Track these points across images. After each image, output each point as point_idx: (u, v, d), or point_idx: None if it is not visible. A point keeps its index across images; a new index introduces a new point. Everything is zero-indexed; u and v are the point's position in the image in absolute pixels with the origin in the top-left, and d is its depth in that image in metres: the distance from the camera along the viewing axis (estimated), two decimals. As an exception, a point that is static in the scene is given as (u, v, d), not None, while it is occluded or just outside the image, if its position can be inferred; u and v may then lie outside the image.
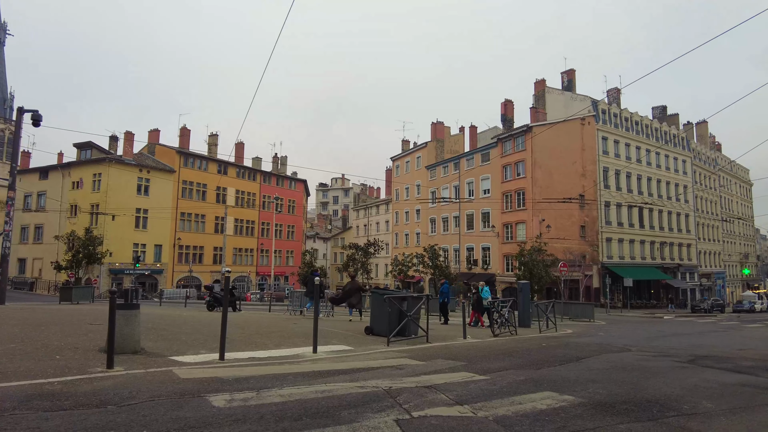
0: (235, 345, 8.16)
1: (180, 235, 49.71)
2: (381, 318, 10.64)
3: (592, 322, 23.48)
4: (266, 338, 9.28)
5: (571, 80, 53.00)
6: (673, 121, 61.11)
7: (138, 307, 6.75)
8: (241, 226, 56.24)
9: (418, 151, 59.72)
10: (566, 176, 45.25)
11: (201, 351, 7.30)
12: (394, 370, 6.52)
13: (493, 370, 6.95)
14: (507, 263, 44.79)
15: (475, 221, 48.81)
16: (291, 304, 22.08)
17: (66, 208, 45.79)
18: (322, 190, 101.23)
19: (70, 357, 6.15)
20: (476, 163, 49.79)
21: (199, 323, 11.02)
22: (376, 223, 69.26)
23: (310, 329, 11.02)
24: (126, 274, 44.58)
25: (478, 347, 9.97)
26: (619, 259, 48.52)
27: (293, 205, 63.85)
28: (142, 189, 47.07)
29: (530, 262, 30.43)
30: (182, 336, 8.54)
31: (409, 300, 10.49)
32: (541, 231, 41.91)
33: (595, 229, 47.38)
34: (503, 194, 45.88)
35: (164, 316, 12.85)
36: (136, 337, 6.64)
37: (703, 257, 60.74)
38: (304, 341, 9.09)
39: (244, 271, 55.94)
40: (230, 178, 55.52)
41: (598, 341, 12.71)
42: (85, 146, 48.42)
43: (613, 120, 51.45)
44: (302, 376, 5.78)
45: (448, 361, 7.62)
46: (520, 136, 45.26)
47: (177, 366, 6.02)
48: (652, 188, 53.33)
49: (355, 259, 44.44)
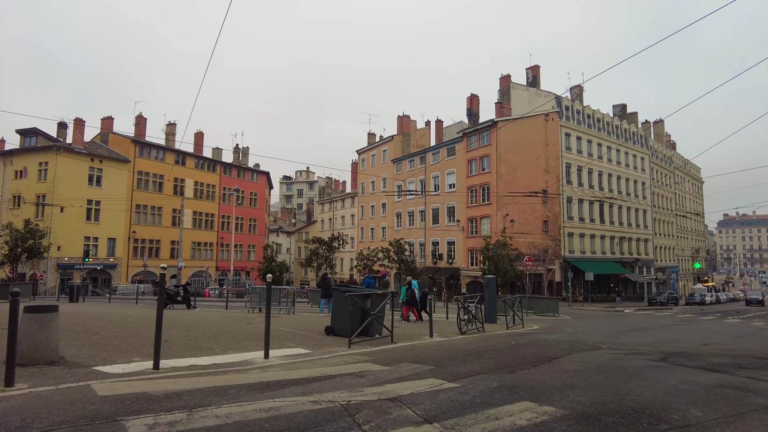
0: (176, 350, 7.26)
1: (135, 228, 47.49)
2: (343, 317, 9.92)
3: (557, 316, 23.47)
4: (214, 341, 8.39)
5: (535, 76, 53.35)
6: (632, 119, 62.68)
7: (56, 309, 5.78)
8: (200, 219, 54.26)
9: (384, 145, 59.04)
10: (530, 171, 45.58)
11: (134, 358, 6.38)
12: (355, 378, 5.82)
13: (464, 375, 6.34)
14: (472, 257, 44.78)
15: (441, 215, 48.60)
16: (250, 301, 21.07)
17: (8, 198, 42.84)
18: (286, 183, 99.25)
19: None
20: (442, 158, 49.54)
21: (140, 324, 9.98)
22: (341, 217, 68.27)
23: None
24: (76, 269, 42.20)
25: (445, 347, 9.39)
26: (580, 254, 49.36)
27: (255, 197, 62.10)
28: (94, 179, 44.61)
29: (495, 256, 30.28)
30: (116, 340, 7.56)
31: (373, 297, 9.79)
32: (505, 225, 42.05)
33: (557, 224, 47.99)
34: (468, 189, 45.79)
35: (104, 315, 11.72)
36: (53, 344, 5.68)
37: (659, 252, 62.71)
38: (255, 344, 8.26)
39: (203, 265, 54.04)
40: (189, 169, 53.39)
41: (567, 338, 12.39)
42: (30, 133, 45.41)
43: (576, 117, 52.19)
44: (247, 389, 5.00)
45: (414, 365, 6.97)
46: (486, 130, 45.21)
47: (98, 379, 5.12)
48: (612, 184, 54.50)
49: (319, 253, 43.48)
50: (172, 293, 20.87)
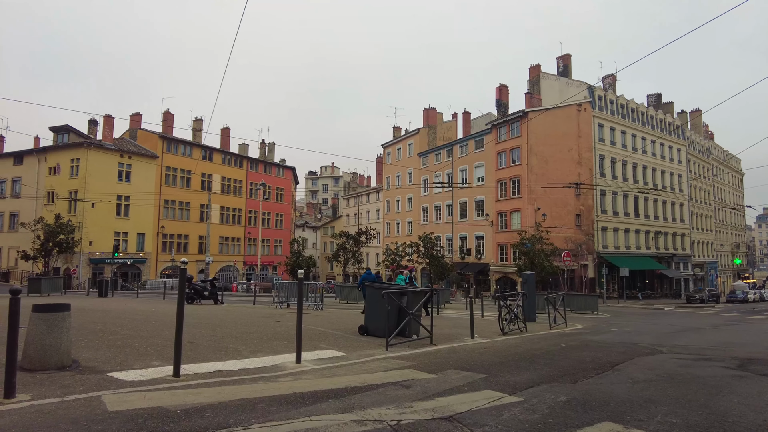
0: (200, 353, 6.64)
1: (164, 223, 47.82)
2: (377, 316, 9.20)
3: (596, 314, 22.31)
4: (241, 342, 7.77)
5: (566, 66, 51.55)
6: (667, 109, 60.13)
7: (67, 308, 5.21)
8: (228, 214, 54.43)
9: (410, 138, 58.08)
10: (562, 163, 44.05)
11: (153, 362, 5.78)
12: (400, 389, 5.08)
13: (522, 385, 5.54)
14: (501, 253, 43.60)
15: (469, 210, 47.47)
16: (278, 296, 20.57)
17: (42, 194, 43.60)
18: (311, 178, 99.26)
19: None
20: (470, 150, 48.33)
21: (164, 322, 9.43)
22: (366, 212, 67.69)
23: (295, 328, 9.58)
24: (107, 263, 42.67)
25: (491, 351, 8.57)
26: (614, 249, 47.61)
27: (281, 192, 62.00)
28: (123, 175, 45.01)
29: (531, 251, 29.10)
30: (135, 341, 7.00)
31: (410, 295, 9.04)
32: (537, 220, 40.73)
33: (590, 218, 46.35)
34: (498, 182, 44.53)
35: (128, 312, 11.27)
36: (64, 347, 5.11)
37: (696, 247, 60.16)
38: (286, 346, 7.60)
39: (231, 260, 54.19)
40: (216, 164, 53.56)
41: (617, 339, 11.41)
42: (62, 130, 46.14)
43: (609, 107, 50.28)
44: (278, 403, 4.31)
45: (462, 372, 6.19)
46: (516, 121, 43.84)
47: (111, 389, 4.51)
48: (648, 177, 52.38)
49: (346, 248, 42.92)
50: (199, 288, 20.54)
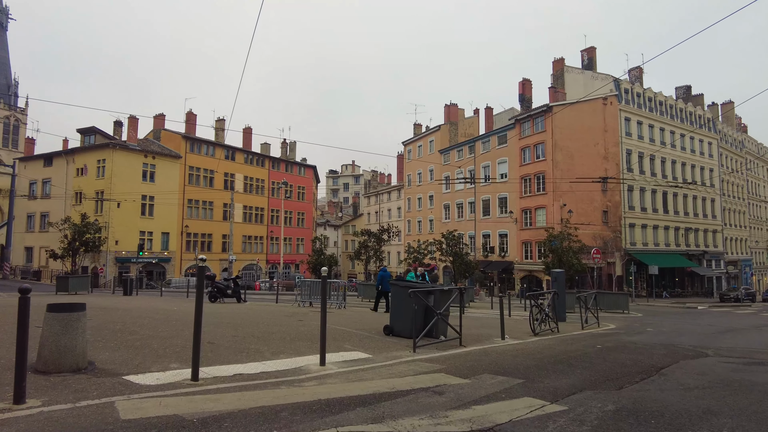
0: (221, 354, 6.38)
1: (187, 222, 48.32)
2: (403, 315, 8.84)
3: (627, 313, 21.53)
4: (263, 342, 7.50)
5: (591, 59, 50.32)
6: (697, 101, 58.18)
7: (83, 308, 4.99)
8: (250, 213, 54.77)
9: (431, 135, 57.50)
10: (588, 159, 43.00)
11: (172, 365, 5.52)
12: (432, 396, 4.71)
13: (564, 392, 5.11)
14: (526, 250, 42.77)
15: (492, 206, 46.71)
16: (300, 294, 20.40)
17: (71, 195, 44.50)
18: (332, 176, 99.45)
19: (-20, 380, 4.43)
20: (492, 146, 47.55)
21: (184, 322, 9.20)
22: (387, 210, 67.41)
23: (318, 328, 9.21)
24: (132, 262, 43.29)
25: (524, 353, 8.12)
26: (642, 246, 46.34)
27: (303, 191, 62.14)
28: (148, 175, 45.60)
29: (559, 249, 28.34)
30: (154, 342, 6.78)
31: (437, 294, 8.65)
32: (563, 216, 39.84)
33: (617, 214, 45.20)
34: (521, 178, 43.67)
35: (150, 311, 11.13)
36: (79, 348, 4.89)
37: (729, 244, 58.15)
38: (309, 346, 7.30)
39: (254, 258, 54.52)
40: (238, 164, 53.92)
41: (655, 340, 10.82)
42: (89, 132, 47.00)
43: (636, 100, 48.92)
44: (303, 411, 3.99)
45: (498, 377, 5.78)
46: (540, 116, 42.91)
47: (126, 394, 4.25)
48: (677, 172, 50.80)
49: (368, 246, 42.66)
50: (222, 287, 20.50)
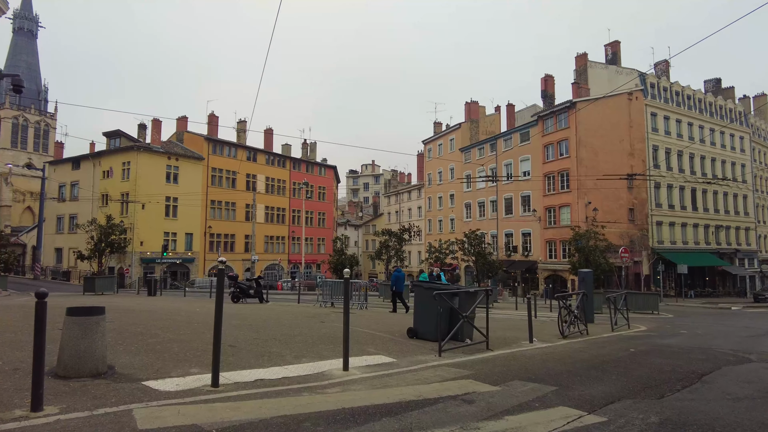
0: (242, 358, 6.24)
1: (211, 223, 48.83)
2: (427, 318, 8.60)
3: (657, 314, 20.87)
4: (285, 346, 7.34)
5: (615, 53, 49.19)
6: (728, 94, 56.30)
7: (102, 311, 4.89)
8: (272, 213, 55.13)
9: (452, 133, 56.99)
10: (613, 155, 42.01)
11: (192, 369, 5.40)
12: (461, 405, 4.47)
13: (600, 400, 4.82)
14: (550, 249, 42.00)
15: (515, 205, 46.02)
16: (322, 295, 20.32)
17: (98, 197, 45.41)
18: (352, 176, 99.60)
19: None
20: (515, 143, 46.84)
21: (207, 324, 9.05)
22: (408, 209, 67.12)
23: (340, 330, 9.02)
24: (157, 263, 43.91)
25: (554, 357, 7.80)
26: (670, 245, 45.08)
27: (323, 191, 62.30)
28: (171, 177, 46.19)
29: (586, 248, 27.65)
30: (175, 345, 6.68)
31: (462, 296, 8.39)
32: (588, 215, 39.00)
33: (644, 212, 44.07)
34: (545, 175, 42.91)
35: (172, 312, 11.11)
36: (99, 352, 4.79)
37: (762, 242, 56.17)
38: (332, 350, 7.12)
39: (276, 258, 54.86)
40: (260, 165, 54.31)
41: (690, 343, 10.34)
42: (114, 135, 47.86)
43: (663, 94, 47.61)
44: (326, 421, 3.80)
45: (529, 383, 5.50)
46: (563, 112, 42.10)
47: (144, 401, 4.13)
48: (706, 167, 49.26)
49: (389, 246, 42.43)
50: (244, 287, 20.55)
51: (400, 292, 16.94)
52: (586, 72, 47.94)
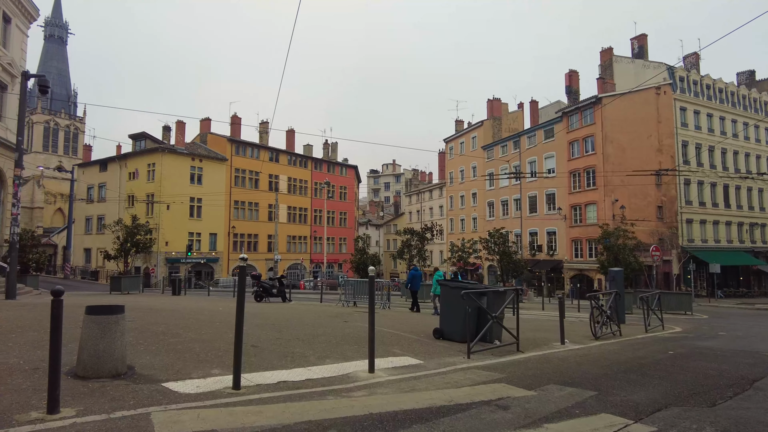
0: (264, 358, 6.05)
1: (234, 223, 49.27)
2: (454, 318, 8.31)
3: (690, 315, 20.10)
4: (308, 346, 7.14)
5: (642, 47, 47.90)
6: (762, 87, 54.23)
7: (121, 310, 4.76)
8: (294, 213, 55.39)
9: (474, 131, 56.31)
10: (641, 152, 40.90)
11: (213, 371, 5.23)
12: (496, 411, 4.19)
13: (646, 407, 4.47)
14: (576, 248, 41.09)
15: (539, 203, 45.18)
16: (344, 294, 20.17)
17: (124, 198, 46.25)
18: (373, 176, 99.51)
19: (14, 386, 4.22)
20: (539, 140, 45.99)
21: (229, 324, 8.86)
22: (429, 209, 66.64)
23: (364, 330, 8.82)
24: (182, 262, 44.50)
25: (588, 359, 7.43)
26: (701, 243, 43.64)
27: (344, 191, 62.33)
28: (195, 178, 46.74)
29: (615, 246, 26.84)
30: (197, 345, 6.52)
31: (490, 295, 8.07)
32: (615, 212, 38.03)
33: (673, 209, 42.79)
34: (570, 173, 41.99)
35: (195, 312, 11.04)
36: (118, 353, 4.66)
37: (801, 239, 53.93)
38: (356, 350, 6.90)
39: (298, 258, 55.09)
40: (282, 165, 54.60)
41: (734, 346, 9.80)
42: (140, 137, 48.68)
43: (693, 88, 46.12)
44: (353, 427, 3.57)
45: (566, 388, 5.18)
46: (588, 108, 41.12)
47: (163, 404, 3.96)
48: (739, 163, 47.51)
49: (411, 245, 42.09)
50: (267, 286, 20.56)
51: (416, 291, 16.83)
52: (612, 67, 46.79)
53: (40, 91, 10.75)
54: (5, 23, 26.00)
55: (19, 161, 10.85)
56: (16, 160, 10.81)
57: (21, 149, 10.94)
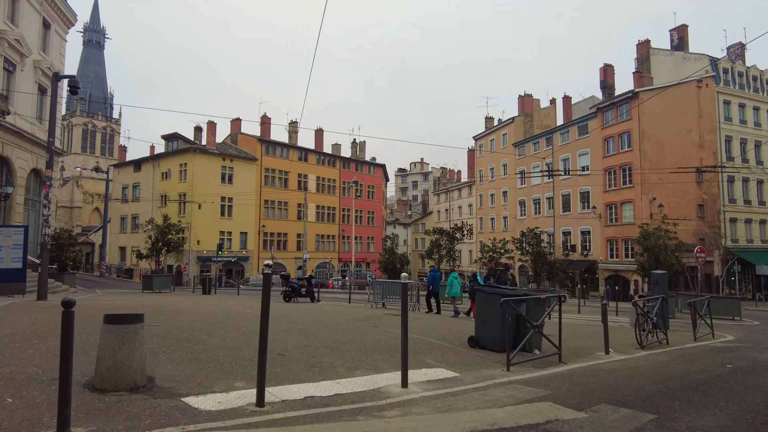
0: (291, 369, 5.73)
1: (264, 222, 49.67)
2: (491, 325, 7.84)
3: (740, 321, 18.97)
4: (336, 354, 6.80)
5: (682, 38, 45.99)
6: (814, 78, 51.37)
7: (140, 319, 4.49)
8: (323, 212, 55.51)
9: (504, 128, 55.20)
10: (680, 148, 39.25)
11: (237, 383, 4.93)
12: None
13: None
14: (611, 248, 39.73)
15: (573, 202, 43.89)
16: (372, 294, 19.84)
17: (157, 198, 47.16)
18: (401, 175, 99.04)
19: (29, 400, 4.00)
20: (572, 137, 44.68)
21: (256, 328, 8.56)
22: (458, 207, 65.77)
23: (395, 337, 8.45)
24: (213, 261, 45.09)
25: (638, 372, 6.84)
26: (746, 243, 41.61)
27: (372, 190, 62.11)
28: (226, 177, 47.28)
29: (656, 247, 25.65)
30: (221, 353, 6.23)
31: (529, 302, 7.56)
32: (652, 211, 36.59)
33: (715, 208, 40.94)
34: (605, 170, 40.62)
35: (222, 314, 10.83)
36: (137, 364, 4.40)
37: None
38: (388, 360, 6.51)
39: (326, 257, 55.20)
40: (310, 164, 54.76)
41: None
42: (172, 138, 49.55)
43: (737, 80, 43.98)
44: (387, 457, 3.19)
45: (620, 409, 4.67)
46: (624, 103, 39.70)
47: (181, 424, 3.65)
48: (789, 159, 45.11)
49: (440, 245, 41.48)
50: (296, 287, 20.40)
51: (436, 293, 16.48)
52: (649, 60, 45.11)
53: (71, 92, 10.81)
54: (45, 29, 26.72)
55: (50, 162, 10.92)
56: (48, 161, 10.88)
57: (52, 150, 11.00)
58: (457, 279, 16.57)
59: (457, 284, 16.34)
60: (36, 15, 25.52)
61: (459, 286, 16.55)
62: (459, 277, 16.98)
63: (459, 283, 16.62)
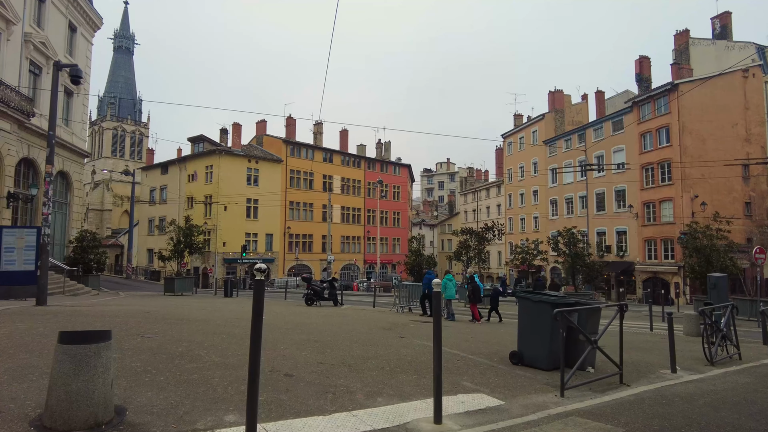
0: (298, 395, 4.73)
1: (289, 223, 49.26)
2: (537, 339, 6.71)
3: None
4: (356, 374, 5.76)
5: (725, 26, 43.52)
6: None
7: (107, 337, 3.58)
8: (348, 213, 54.81)
9: (534, 125, 53.40)
10: (724, 143, 37.00)
11: (228, 416, 3.95)
12: None
13: None
14: (649, 249, 37.68)
15: (607, 200, 41.91)
16: (398, 297, 18.84)
17: (183, 200, 47.26)
18: (426, 175, 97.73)
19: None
20: (606, 133, 42.71)
21: (266, 339, 7.47)
22: (486, 207, 64.11)
23: (424, 350, 7.39)
24: (239, 263, 44.85)
25: (722, 399, 5.62)
26: (800, 243, 38.88)
27: (398, 191, 61.09)
28: (252, 179, 47.06)
29: (706, 247, 23.84)
30: (218, 372, 5.23)
31: (583, 313, 6.41)
32: (694, 209, 34.47)
33: (764, 206, 38.48)
34: (642, 167, 38.58)
35: (231, 322, 9.73)
36: (99, 395, 3.47)
37: None
38: (416, 383, 5.47)
39: (351, 259, 54.45)
40: (335, 165, 54.15)
41: None
42: (198, 140, 49.65)
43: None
44: None
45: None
46: (662, 97, 37.63)
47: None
48: None
49: (469, 246, 40.06)
50: (318, 289, 19.51)
51: (431, 296, 15.62)
52: (688, 50, 42.86)
53: (72, 82, 10.24)
54: (71, 32, 26.71)
55: (50, 157, 10.30)
56: (47, 156, 10.26)
57: (52, 144, 10.36)
58: (452, 281, 15.91)
59: (451, 286, 15.56)
60: (62, 18, 25.52)
61: (454, 288, 15.85)
62: (453, 279, 16.41)
63: (454, 285, 15.96)
